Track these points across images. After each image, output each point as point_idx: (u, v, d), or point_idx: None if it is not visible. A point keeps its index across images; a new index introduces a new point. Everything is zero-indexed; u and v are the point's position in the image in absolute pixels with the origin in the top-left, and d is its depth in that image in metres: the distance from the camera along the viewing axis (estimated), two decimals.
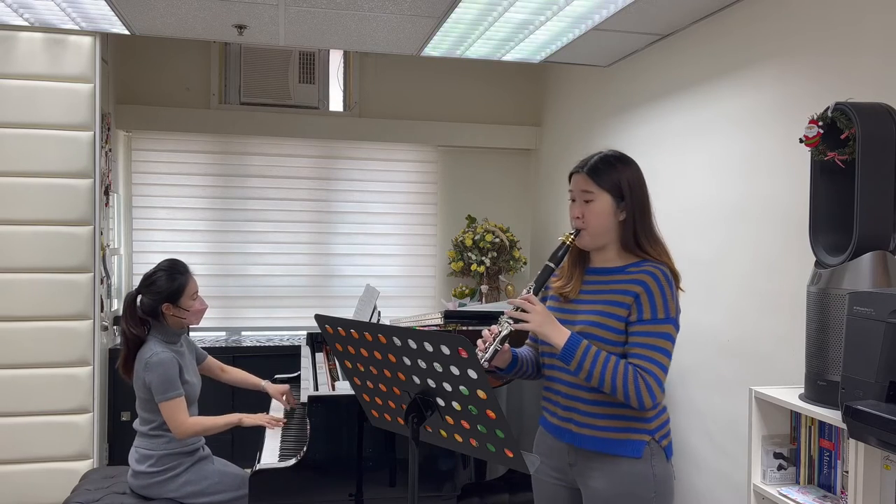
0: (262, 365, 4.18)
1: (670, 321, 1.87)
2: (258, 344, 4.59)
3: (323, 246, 5.07)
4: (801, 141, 2.10)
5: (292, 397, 3.16)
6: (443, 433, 1.73)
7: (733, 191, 2.97)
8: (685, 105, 3.33)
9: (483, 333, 1.90)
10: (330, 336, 1.80)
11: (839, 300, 1.95)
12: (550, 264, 1.93)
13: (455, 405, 1.63)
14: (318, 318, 1.80)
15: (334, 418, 2.66)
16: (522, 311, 1.86)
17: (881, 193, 1.96)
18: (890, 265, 1.95)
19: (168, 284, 2.81)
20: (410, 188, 5.20)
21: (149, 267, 2.91)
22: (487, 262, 4.89)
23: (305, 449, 2.61)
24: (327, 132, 4.92)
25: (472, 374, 1.54)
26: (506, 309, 1.91)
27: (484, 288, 4.98)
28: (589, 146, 4.29)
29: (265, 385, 3.20)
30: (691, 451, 3.21)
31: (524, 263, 5.07)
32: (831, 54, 2.44)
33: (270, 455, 2.76)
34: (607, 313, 1.89)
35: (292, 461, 2.60)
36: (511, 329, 1.87)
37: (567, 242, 1.94)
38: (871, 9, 2.29)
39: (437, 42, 3.56)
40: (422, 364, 1.61)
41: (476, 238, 4.91)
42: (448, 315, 3.57)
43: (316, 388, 3.05)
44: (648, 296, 1.86)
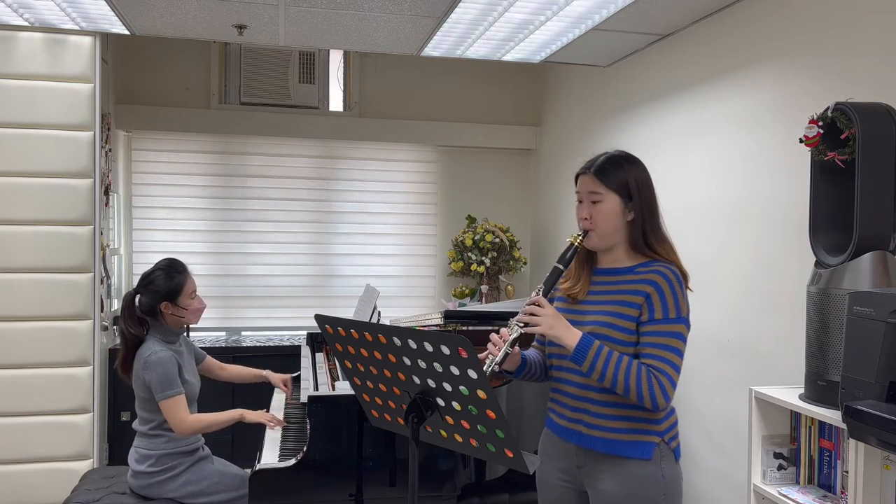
0: (262, 365, 4.15)
1: (682, 320, 1.86)
2: (258, 344, 4.59)
3: (323, 246, 5.07)
4: (801, 141, 2.10)
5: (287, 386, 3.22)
6: (443, 433, 1.73)
7: (733, 191, 2.97)
8: (685, 105, 3.33)
9: (491, 337, 1.89)
10: (330, 336, 1.80)
11: (839, 300, 1.95)
12: (559, 266, 1.92)
13: (455, 405, 1.63)
14: (318, 318, 1.79)
15: (334, 418, 2.65)
16: (531, 315, 1.85)
17: (881, 193, 1.96)
18: (890, 265, 1.95)
19: (166, 283, 2.81)
20: (410, 188, 5.20)
21: (148, 267, 2.91)
22: (487, 262, 4.89)
23: (305, 449, 2.61)
24: (327, 132, 4.92)
25: (472, 374, 1.54)
26: (507, 308, 1.91)
27: (484, 288, 4.98)
28: (589, 146, 4.29)
29: (266, 374, 3.23)
30: (691, 451, 3.21)
31: (524, 263, 5.07)
32: (831, 54, 2.44)
33: (270, 455, 2.76)
34: (617, 313, 1.88)
35: (292, 461, 2.60)
36: (521, 332, 1.86)
37: (575, 244, 1.93)
38: (871, 9, 2.29)
39: (437, 42, 3.56)
40: (422, 364, 1.61)
41: (476, 238, 4.91)
42: (448, 315, 3.57)
43: (316, 388, 3.05)
44: (660, 295, 1.85)
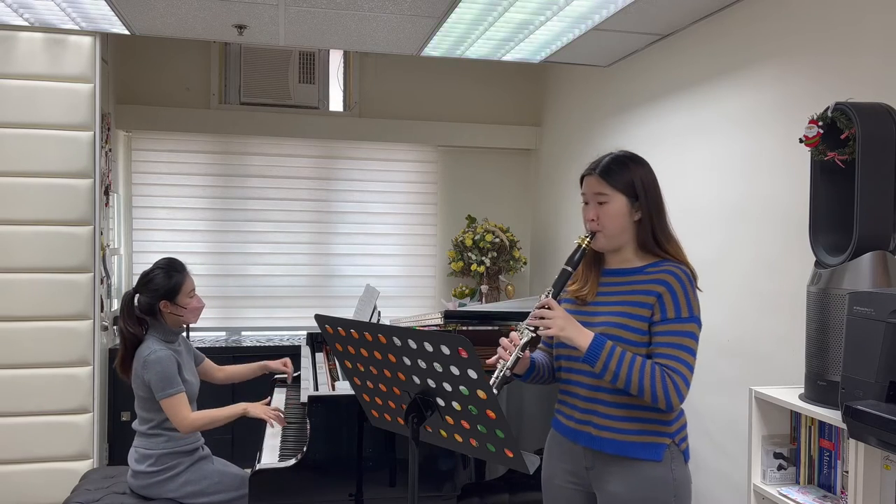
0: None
1: (694, 320, 1.85)
2: (258, 344, 4.59)
3: (323, 246, 5.07)
4: (801, 141, 2.10)
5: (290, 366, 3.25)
6: (443, 433, 1.73)
7: (733, 191, 2.97)
8: (685, 105, 3.33)
9: (501, 342, 1.87)
10: (330, 336, 1.80)
11: (839, 300, 1.95)
12: (568, 268, 1.91)
13: (455, 405, 1.63)
14: (318, 318, 1.79)
15: (334, 418, 2.65)
16: (541, 318, 1.83)
17: (881, 193, 1.96)
18: (890, 265, 1.95)
19: (165, 282, 2.81)
20: (410, 188, 5.20)
21: (148, 267, 2.91)
22: (487, 262, 4.89)
23: (305, 449, 2.61)
24: (327, 132, 4.92)
25: (472, 374, 1.54)
26: (507, 308, 1.91)
27: (484, 288, 4.98)
28: (589, 146, 4.29)
29: (264, 364, 3.24)
30: (692, 451, 3.20)
31: (524, 263, 5.07)
32: (831, 54, 2.44)
33: (270, 455, 2.76)
34: (629, 314, 1.87)
35: (292, 461, 2.60)
36: (532, 335, 1.85)
37: (583, 245, 1.92)
38: (871, 9, 2.29)
39: (437, 42, 3.56)
40: (422, 364, 1.61)
41: (476, 238, 4.91)
42: (448, 315, 3.57)
43: (316, 388, 3.05)
44: (672, 295, 1.84)
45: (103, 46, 3.85)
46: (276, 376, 3.61)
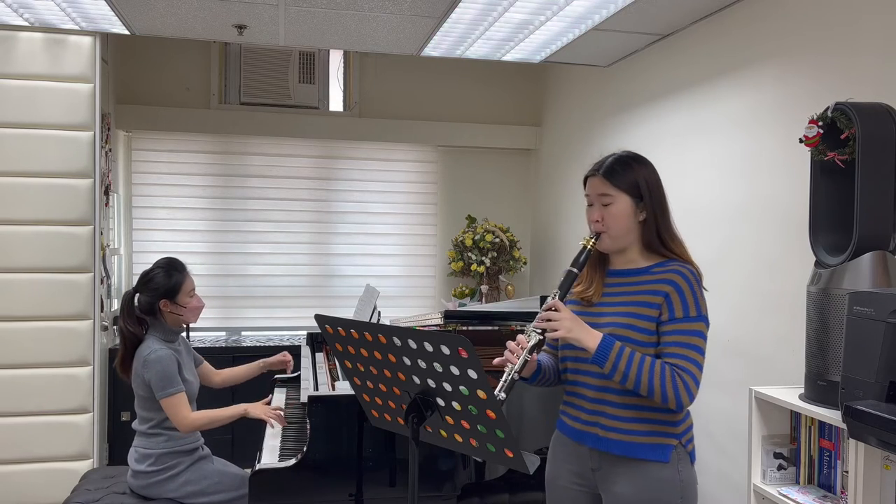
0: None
1: (702, 319, 1.85)
2: (258, 344, 4.59)
3: (323, 246, 5.07)
4: (801, 141, 2.10)
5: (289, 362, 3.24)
6: (443, 433, 1.73)
7: (734, 191, 2.97)
8: (685, 105, 3.33)
9: (509, 345, 1.86)
10: (330, 336, 1.80)
11: (839, 300, 1.95)
12: (574, 270, 1.90)
13: (455, 405, 1.63)
14: (318, 318, 1.79)
15: (334, 418, 2.65)
16: (548, 320, 1.82)
17: (881, 193, 1.96)
18: (890, 265, 1.95)
19: (165, 281, 2.82)
20: (410, 188, 5.20)
21: (148, 267, 2.91)
22: (487, 262, 4.89)
23: (305, 449, 2.61)
24: (327, 132, 4.92)
25: (472, 374, 1.54)
26: (507, 308, 1.90)
27: (484, 288, 4.98)
28: (589, 146, 4.28)
29: (263, 363, 3.21)
30: None
31: (524, 263, 5.07)
32: (831, 54, 2.44)
33: (270, 455, 2.76)
34: (636, 314, 1.86)
35: (292, 461, 2.60)
36: (540, 338, 1.84)
37: (588, 246, 1.91)
38: (869, 8, 2.29)
39: (437, 42, 3.56)
40: (422, 364, 1.61)
41: (476, 238, 4.91)
42: (448, 315, 3.57)
43: (316, 388, 3.05)
44: (679, 294, 1.84)
45: (103, 46, 3.85)
46: (277, 376, 3.61)
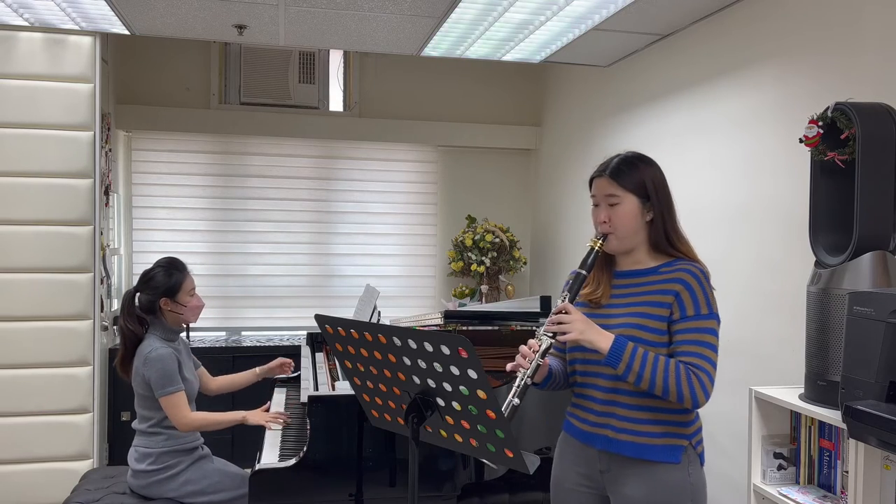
0: (262, 365, 4.17)
1: (713, 316, 1.84)
2: (258, 344, 4.59)
3: (323, 246, 5.07)
4: (801, 141, 2.11)
5: (289, 362, 3.22)
6: (443, 433, 1.73)
7: (734, 191, 2.97)
8: (685, 105, 3.33)
9: (521, 349, 1.85)
10: (330, 336, 1.80)
11: (839, 300, 1.95)
12: (582, 271, 1.89)
13: (455, 405, 1.63)
14: (318, 318, 1.79)
15: (334, 418, 2.65)
16: (559, 323, 1.81)
17: (881, 193, 1.96)
18: (890, 265, 1.95)
19: (166, 279, 2.83)
20: (410, 188, 5.20)
21: (148, 266, 2.91)
22: (487, 262, 4.89)
23: (305, 449, 2.61)
24: (327, 132, 4.92)
25: (472, 374, 1.54)
26: (507, 308, 1.90)
27: (484, 288, 4.98)
28: (589, 146, 4.29)
29: (260, 370, 3.19)
30: None
31: (524, 263, 5.07)
32: (831, 54, 2.44)
33: (270, 455, 2.76)
34: (646, 314, 1.86)
35: (292, 461, 2.60)
36: (552, 342, 1.83)
37: (596, 248, 1.90)
38: (870, 8, 2.29)
39: (437, 42, 3.56)
40: (422, 364, 1.61)
41: (476, 238, 4.91)
42: (448, 315, 3.58)
43: (316, 388, 3.05)
44: (690, 293, 1.83)
45: (103, 46, 3.85)
46: (277, 376, 3.61)
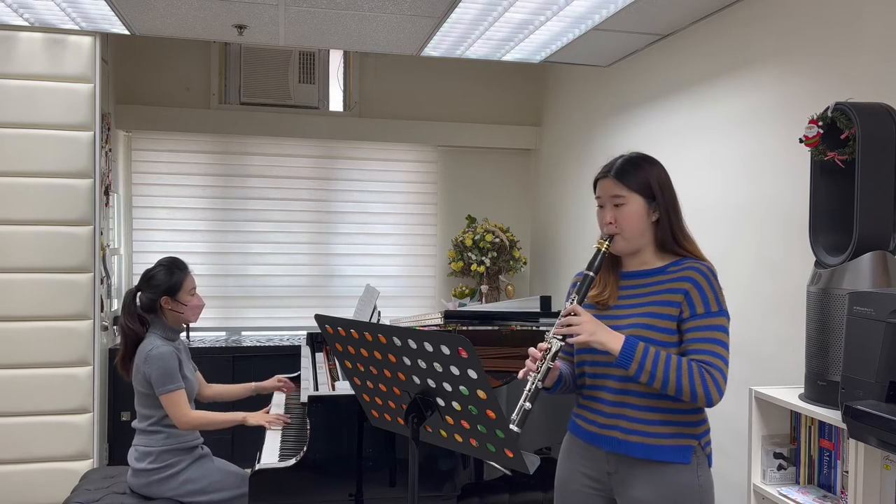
0: (262, 365, 4.18)
1: (723, 313, 1.84)
2: (258, 344, 4.59)
3: (323, 246, 5.07)
4: (801, 141, 2.11)
5: (288, 383, 3.23)
6: (443, 433, 1.73)
7: (734, 191, 2.97)
8: (685, 105, 3.33)
9: (531, 352, 1.84)
10: (330, 336, 1.80)
11: (839, 300, 1.95)
12: (590, 273, 1.88)
13: (455, 405, 1.63)
14: (318, 318, 1.79)
15: (334, 418, 2.65)
16: (569, 325, 1.80)
17: (881, 193, 1.96)
18: (890, 265, 1.95)
19: (167, 279, 2.84)
20: (410, 188, 5.20)
21: (148, 266, 2.92)
22: (487, 262, 4.89)
23: (305, 449, 2.61)
24: (327, 132, 4.92)
25: (472, 374, 1.54)
26: (507, 308, 1.90)
27: (484, 288, 4.98)
28: (589, 146, 4.29)
29: (256, 387, 3.20)
30: None
31: (524, 263, 5.07)
32: (831, 54, 2.44)
33: (270, 455, 2.76)
34: (656, 314, 1.85)
35: (292, 461, 2.60)
36: (562, 345, 1.82)
37: (602, 249, 1.89)
38: (870, 8, 2.29)
39: (437, 42, 3.56)
40: (422, 364, 1.61)
41: (476, 238, 4.91)
42: (448, 315, 3.57)
43: (316, 388, 3.05)
44: (699, 291, 1.83)
45: (103, 46, 3.85)
46: (277, 376, 3.61)
